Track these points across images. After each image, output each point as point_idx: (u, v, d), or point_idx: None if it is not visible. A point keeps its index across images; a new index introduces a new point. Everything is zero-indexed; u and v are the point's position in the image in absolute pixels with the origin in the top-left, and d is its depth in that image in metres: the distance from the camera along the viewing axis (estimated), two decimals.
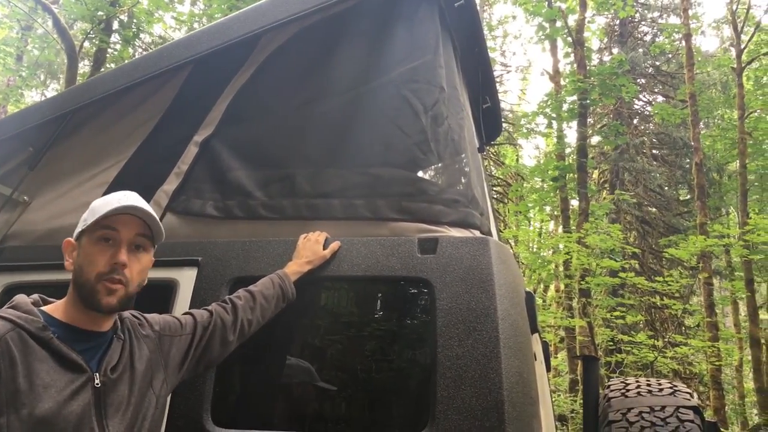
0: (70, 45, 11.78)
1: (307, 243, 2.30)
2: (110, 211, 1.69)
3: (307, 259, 2.26)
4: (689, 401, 2.42)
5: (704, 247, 11.76)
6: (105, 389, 1.64)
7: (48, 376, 1.55)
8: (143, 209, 1.75)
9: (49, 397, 1.53)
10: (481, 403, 1.91)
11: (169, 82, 2.76)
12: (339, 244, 2.29)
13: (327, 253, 2.27)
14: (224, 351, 1.99)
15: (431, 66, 2.56)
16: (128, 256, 1.71)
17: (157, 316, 1.91)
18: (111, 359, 1.68)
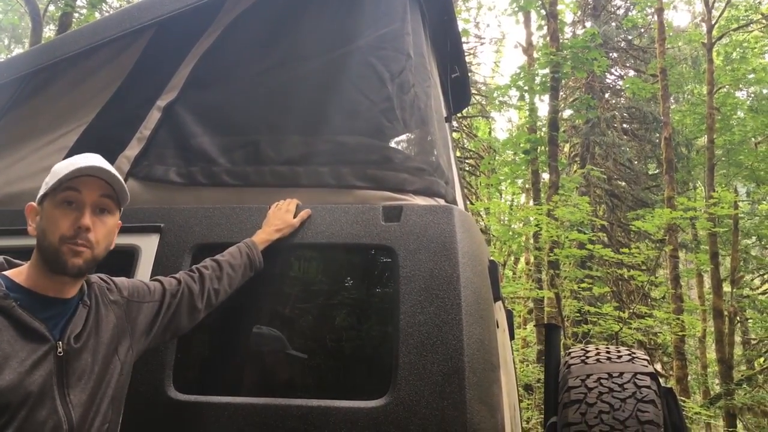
0: (34, 8, 11.46)
1: (278, 211, 2.28)
2: (72, 173, 1.65)
3: (276, 227, 2.24)
4: (646, 368, 2.47)
5: (670, 220, 11.95)
6: (68, 358, 1.61)
7: (9, 346, 1.51)
8: (106, 170, 1.71)
9: (9, 369, 1.50)
10: (441, 369, 1.93)
11: (131, 45, 2.71)
12: (309, 213, 2.28)
13: (296, 222, 2.26)
14: (192, 320, 1.99)
15: (398, 33, 2.54)
16: (92, 219, 1.68)
17: (126, 281, 1.89)
18: (75, 327, 1.66)
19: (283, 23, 2.65)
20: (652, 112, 17.66)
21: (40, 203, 1.70)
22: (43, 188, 1.70)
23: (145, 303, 1.88)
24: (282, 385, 2.23)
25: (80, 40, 2.69)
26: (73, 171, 1.65)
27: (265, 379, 2.24)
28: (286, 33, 2.65)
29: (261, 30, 2.67)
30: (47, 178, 1.70)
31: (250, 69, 2.64)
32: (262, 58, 2.65)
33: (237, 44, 2.66)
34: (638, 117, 18.68)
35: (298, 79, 2.59)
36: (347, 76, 2.52)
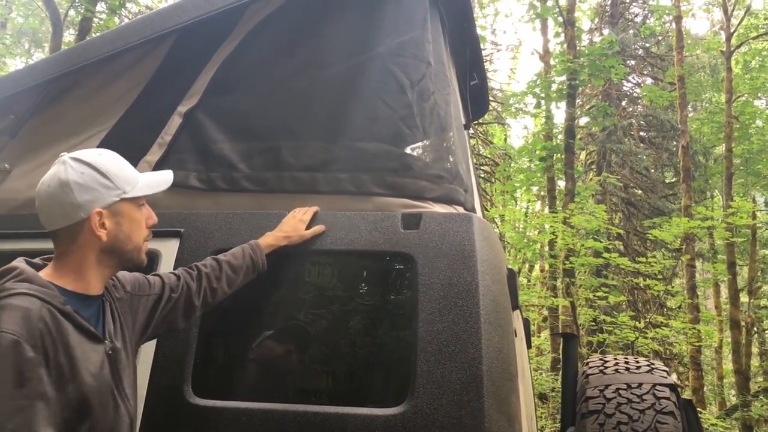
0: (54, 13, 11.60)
1: (291, 219, 2.28)
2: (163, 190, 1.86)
3: (285, 234, 2.24)
4: (666, 379, 2.45)
5: (688, 230, 11.86)
6: (115, 355, 1.68)
7: (79, 349, 1.56)
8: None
9: (86, 372, 1.56)
10: (460, 378, 1.93)
11: (153, 51, 2.73)
12: (323, 228, 2.27)
13: (307, 234, 2.25)
14: (187, 317, 2.00)
15: (419, 41, 2.54)
16: None
17: (127, 274, 1.91)
18: (108, 324, 1.71)
19: (304, 30, 2.66)
20: (670, 120, 17.57)
21: (109, 206, 1.70)
22: (112, 193, 1.70)
23: (145, 296, 1.90)
24: (300, 391, 2.24)
25: (103, 46, 2.71)
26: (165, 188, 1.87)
27: (283, 384, 2.24)
28: (306, 40, 2.66)
29: (281, 37, 2.68)
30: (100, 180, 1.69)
31: (270, 75, 2.65)
32: (283, 64, 2.66)
33: (258, 51, 2.67)
34: (655, 125, 18.59)
35: (318, 85, 2.60)
36: (367, 83, 2.52)
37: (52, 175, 1.69)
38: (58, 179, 1.66)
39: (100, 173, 1.70)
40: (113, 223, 1.70)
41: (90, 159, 1.71)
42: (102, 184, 1.69)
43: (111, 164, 1.74)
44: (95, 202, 1.67)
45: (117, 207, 1.71)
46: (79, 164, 1.68)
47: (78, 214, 1.66)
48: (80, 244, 1.68)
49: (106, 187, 1.70)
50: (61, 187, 1.65)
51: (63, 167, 1.68)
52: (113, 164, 1.75)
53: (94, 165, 1.70)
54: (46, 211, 1.69)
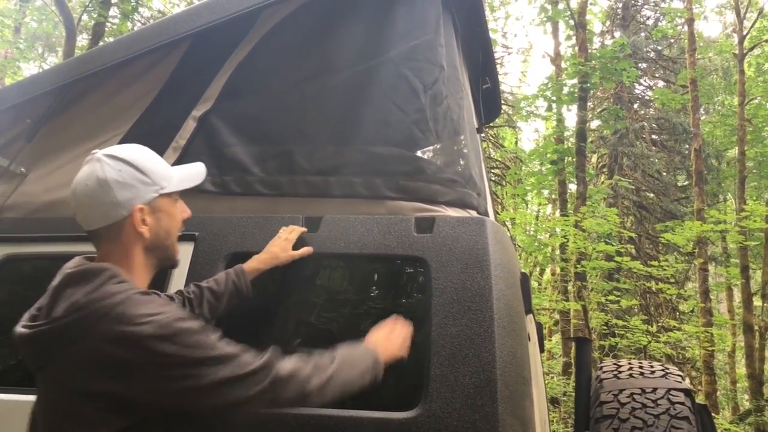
0: (68, 18, 11.69)
1: (278, 240, 2.26)
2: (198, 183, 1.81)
3: (272, 255, 2.22)
4: (680, 384, 2.44)
5: (700, 233, 11.80)
6: None
7: None
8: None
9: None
10: (473, 382, 1.93)
11: (167, 56, 2.75)
12: (310, 250, 2.25)
13: (296, 254, 2.23)
14: None
15: (431, 45, 2.55)
16: None
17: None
18: None
19: (317, 34, 2.68)
20: (682, 123, 17.48)
21: (149, 203, 1.67)
22: (150, 189, 1.67)
23: None
24: None
25: (118, 51, 2.73)
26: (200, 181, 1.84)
27: None
28: (319, 44, 2.67)
29: (295, 41, 2.69)
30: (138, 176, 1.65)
31: (283, 79, 2.67)
32: (296, 68, 2.67)
33: (271, 55, 2.68)
34: (667, 128, 18.50)
35: (331, 89, 2.60)
36: (380, 86, 2.53)
37: (88, 173, 1.63)
38: (96, 177, 1.61)
39: (138, 169, 1.65)
40: (153, 220, 1.67)
41: (125, 155, 1.67)
42: (140, 181, 1.65)
43: (146, 159, 1.70)
44: (135, 199, 1.64)
45: (156, 203, 1.68)
46: (115, 161, 1.64)
47: (119, 212, 1.62)
48: (124, 243, 1.65)
49: (144, 183, 1.66)
50: (100, 185, 1.61)
51: (99, 165, 1.63)
52: (148, 159, 1.71)
53: (131, 161, 1.65)
54: (85, 211, 1.65)
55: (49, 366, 1.48)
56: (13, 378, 2.58)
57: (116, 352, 1.41)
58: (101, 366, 1.42)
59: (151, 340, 1.42)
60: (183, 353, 1.45)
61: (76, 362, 1.43)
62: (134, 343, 1.42)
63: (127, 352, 1.41)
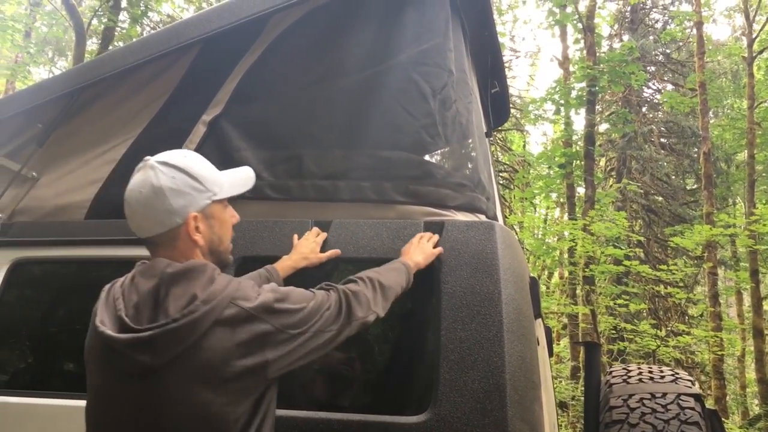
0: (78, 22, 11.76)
1: (307, 241, 2.29)
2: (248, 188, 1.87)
3: (303, 256, 2.25)
4: (691, 389, 2.43)
5: (710, 237, 11.75)
6: None
7: None
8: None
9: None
10: (483, 386, 1.93)
11: (178, 61, 2.76)
12: (338, 252, 2.29)
13: (324, 257, 2.26)
14: None
15: (441, 49, 2.55)
16: None
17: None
18: None
19: (326, 39, 2.68)
20: (691, 127, 17.43)
21: (202, 210, 1.68)
22: (204, 195, 1.68)
23: None
24: (323, 399, 2.24)
25: (128, 56, 2.75)
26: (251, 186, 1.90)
27: (306, 392, 2.25)
28: (328, 48, 2.68)
29: (304, 46, 2.70)
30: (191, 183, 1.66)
31: (293, 84, 2.67)
32: (305, 73, 2.67)
33: (280, 60, 2.69)
34: (676, 131, 18.44)
35: (340, 94, 2.61)
36: (389, 91, 2.53)
37: (142, 181, 1.64)
38: (151, 185, 1.62)
39: (191, 176, 1.66)
40: (206, 226, 1.69)
41: (179, 162, 1.67)
42: (194, 188, 1.66)
43: (199, 166, 1.71)
44: (189, 206, 1.65)
45: (209, 210, 1.69)
46: (168, 168, 1.64)
47: (174, 219, 1.63)
48: (180, 250, 1.66)
49: (198, 190, 1.66)
50: (155, 193, 1.61)
51: (153, 172, 1.63)
52: (200, 166, 1.71)
53: (184, 168, 1.66)
54: (139, 219, 1.66)
55: (178, 363, 1.49)
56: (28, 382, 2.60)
57: (252, 328, 1.54)
58: (240, 347, 1.52)
59: (273, 305, 1.59)
60: (297, 306, 1.64)
61: (214, 351, 1.49)
62: (262, 313, 1.57)
63: (261, 324, 1.55)
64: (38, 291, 2.74)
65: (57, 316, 2.71)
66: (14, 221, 2.77)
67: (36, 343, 2.66)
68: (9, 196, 2.82)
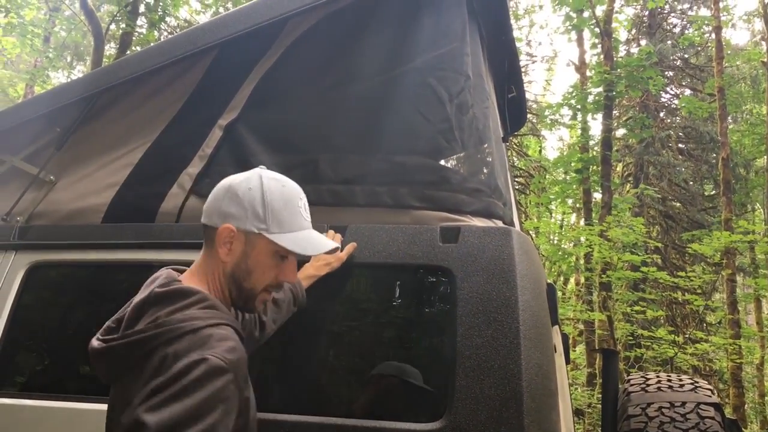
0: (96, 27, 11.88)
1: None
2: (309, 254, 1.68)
3: (325, 262, 2.23)
4: (710, 398, 2.39)
5: (728, 243, 11.63)
6: None
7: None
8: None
9: (253, 407, 1.63)
10: (499, 394, 1.90)
11: (195, 66, 2.77)
12: (355, 245, 2.27)
13: (343, 256, 2.25)
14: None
15: (458, 54, 2.53)
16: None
17: None
18: None
19: (342, 43, 2.68)
20: (709, 132, 17.28)
21: (246, 234, 1.64)
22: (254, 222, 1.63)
23: None
24: (338, 405, 2.23)
25: (146, 60, 2.76)
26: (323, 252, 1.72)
27: (321, 398, 2.24)
28: (344, 53, 2.67)
29: (320, 50, 2.70)
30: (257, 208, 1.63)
31: (309, 89, 2.67)
32: (322, 78, 2.67)
33: (297, 65, 2.69)
34: (694, 137, 18.29)
35: (356, 98, 2.60)
36: (405, 96, 2.52)
37: (234, 176, 1.69)
38: (230, 182, 1.67)
39: (262, 200, 1.63)
40: (241, 251, 1.64)
41: (267, 183, 1.66)
42: (254, 211, 1.62)
43: (280, 199, 1.66)
44: (234, 219, 1.62)
45: (253, 238, 1.63)
46: (257, 181, 1.65)
47: (215, 219, 1.64)
48: (210, 254, 1.67)
49: (255, 214, 1.62)
50: (226, 189, 1.66)
51: (247, 175, 1.68)
52: (283, 200, 1.67)
53: (265, 190, 1.64)
54: (208, 202, 1.70)
55: (123, 378, 1.50)
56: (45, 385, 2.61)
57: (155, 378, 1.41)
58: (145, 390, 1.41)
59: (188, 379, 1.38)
60: (191, 413, 1.36)
61: (147, 374, 1.44)
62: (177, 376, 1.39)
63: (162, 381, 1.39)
64: (55, 294, 2.76)
65: (74, 320, 2.72)
66: (32, 224, 2.79)
67: (53, 346, 2.67)
68: (27, 199, 2.83)
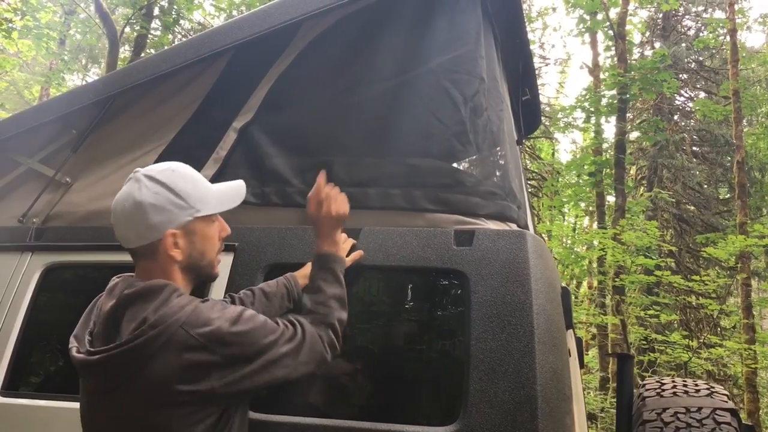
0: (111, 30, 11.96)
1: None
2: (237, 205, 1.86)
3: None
4: (726, 403, 2.37)
5: (743, 247, 11.53)
6: None
7: None
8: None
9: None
10: (513, 398, 1.90)
11: (209, 68, 2.78)
12: (361, 254, 2.27)
13: (349, 260, 2.23)
14: None
15: (472, 56, 2.53)
16: None
17: None
18: None
19: (356, 46, 2.68)
20: (724, 135, 17.15)
21: (184, 227, 1.71)
22: (185, 212, 1.70)
23: None
24: (351, 407, 2.23)
25: (161, 63, 2.77)
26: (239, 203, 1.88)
27: (335, 400, 2.24)
28: (359, 56, 2.67)
29: (334, 53, 2.70)
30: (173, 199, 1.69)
31: (323, 91, 2.67)
32: (336, 80, 2.67)
33: (311, 67, 2.69)
34: (709, 140, 18.16)
35: (370, 101, 2.60)
36: (420, 98, 2.52)
37: (127, 194, 1.68)
38: (133, 200, 1.66)
39: (174, 192, 1.69)
40: (187, 242, 1.71)
41: (165, 177, 1.70)
42: (175, 204, 1.69)
43: (185, 182, 1.73)
44: (168, 223, 1.67)
45: (190, 226, 1.71)
46: (153, 183, 1.68)
47: (152, 234, 1.67)
48: (160, 263, 1.70)
49: (180, 207, 1.69)
50: (136, 207, 1.66)
51: (137, 185, 1.68)
52: (187, 181, 1.74)
53: (169, 184, 1.69)
54: (121, 230, 1.71)
55: (127, 385, 1.54)
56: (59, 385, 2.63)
57: (198, 356, 1.52)
58: (187, 372, 1.51)
59: (224, 336, 1.55)
60: (252, 339, 1.61)
61: (159, 375, 1.51)
62: (211, 342, 1.54)
63: (206, 353, 1.53)
64: (71, 295, 2.77)
65: None
66: (48, 226, 2.81)
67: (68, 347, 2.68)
68: (43, 201, 2.86)
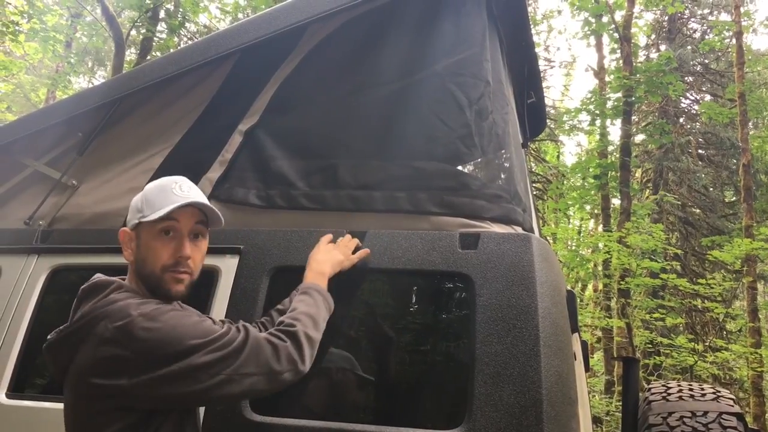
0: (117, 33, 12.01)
1: (340, 247, 2.27)
2: (174, 209, 1.72)
3: (337, 262, 2.22)
4: (733, 407, 2.36)
5: (749, 251, 11.49)
6: None
7: None
8: (202, 202, 1.80)
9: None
10: (519, 401, 1.89)
11: (215, 71, 2.78)
12: (368, 252, 2.26)
13: (355, 259, 2.25)
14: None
15: (477, 59, 2.53)
16: (190, 246, 1.77)
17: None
18: None
19: (362, 49, 2.68)
20: (730, 138, 17.11)
21: (134, 229, 1.79)
22: (137, 215, 1.78)
23: None
24: (357, 411, 2.23)
25: (168, 66, 2.78)
26: (175, 207, 1.72)
27: (340, 403, 2.24)
28: (364, 59, 2.67)
29: (340, 56, 2.70)
30: (139, 203, 1.80)
31: (328, 94, 2.68)
32: (341, 83, 2.68)
33: (316, 70, 2.70)
34: (715, 142, 18.12)
35: (375, 104, 2.60)
36: (425, 101, 2.52)
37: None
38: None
39: (143, 196, 1.81)
40: (135, 246, 1.78)
41: (149, 184, 1.86)
42: (136, 207, 1.81)
43: (153, 189, 1.82)
44: (128, 222, 1.82)
45: (138, 230, 1.78)
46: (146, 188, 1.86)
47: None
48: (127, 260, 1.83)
49: (137, 210, 1.79)
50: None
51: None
52: (155, 189, 1.81)
53: (145, 189, 1.83)
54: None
55: (64, 373, 1.63)
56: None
57: (110, 350, 1.54)
58: (100, 365, 1.54)
59: (134, 330, 1.54)
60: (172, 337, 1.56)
61: (80, 366, 1.57)
62: (123, 336, 1.54)
63: (118, 348, 1.53)
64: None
65: None
66: (54, 228, 2.81)
67: None
68: (49, 203, 2.86)
